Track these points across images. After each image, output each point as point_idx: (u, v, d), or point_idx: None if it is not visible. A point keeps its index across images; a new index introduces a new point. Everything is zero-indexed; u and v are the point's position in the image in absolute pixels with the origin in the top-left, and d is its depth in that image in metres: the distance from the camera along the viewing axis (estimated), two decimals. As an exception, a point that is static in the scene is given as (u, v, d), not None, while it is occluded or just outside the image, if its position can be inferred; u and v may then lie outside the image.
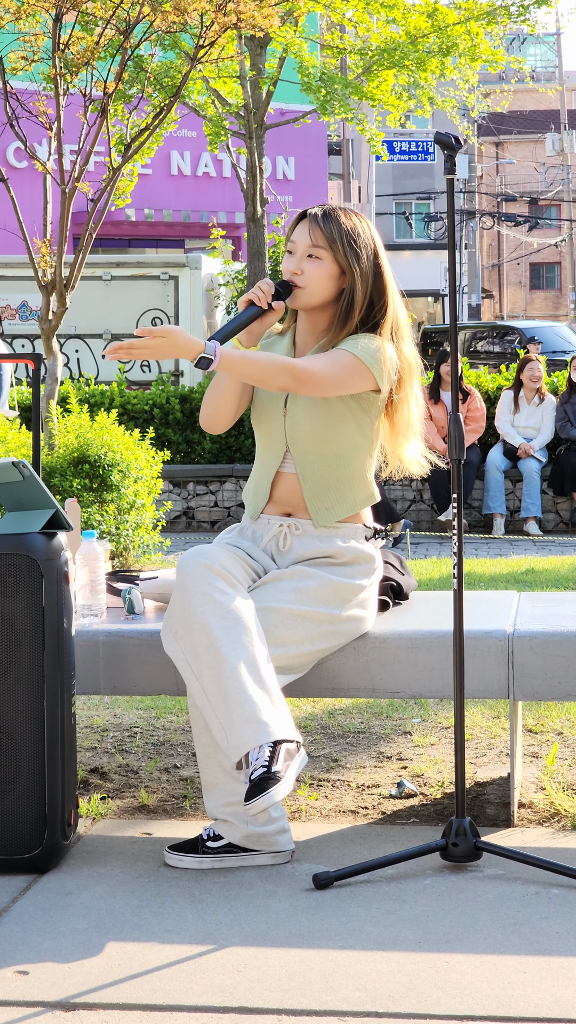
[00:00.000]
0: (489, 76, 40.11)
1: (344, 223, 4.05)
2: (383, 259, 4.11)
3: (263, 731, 3.69)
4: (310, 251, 4.05)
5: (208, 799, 3.91)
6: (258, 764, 3.67)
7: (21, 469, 3.84)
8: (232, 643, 3.77)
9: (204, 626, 3.80)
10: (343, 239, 4.03)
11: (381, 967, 3.25)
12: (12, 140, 22.69)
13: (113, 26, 8.91)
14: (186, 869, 3.84)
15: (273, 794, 3.61)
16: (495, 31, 16.61)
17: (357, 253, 4.05)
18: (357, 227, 4.07)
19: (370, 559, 4.16)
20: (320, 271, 4.05)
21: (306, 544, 4.12)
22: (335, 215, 4.06)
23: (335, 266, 4.05)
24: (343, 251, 4.03)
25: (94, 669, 4.23)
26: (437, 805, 4.41)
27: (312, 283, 4.07)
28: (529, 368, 12.57)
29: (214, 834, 3.88)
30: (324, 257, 4.04)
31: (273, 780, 3.63)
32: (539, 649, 4.10)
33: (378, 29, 16.39)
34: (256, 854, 3.88)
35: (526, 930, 3.43)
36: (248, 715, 3.71)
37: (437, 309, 48.20)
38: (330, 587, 4.03)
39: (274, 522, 4.16)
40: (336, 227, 4.04)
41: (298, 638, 3.97)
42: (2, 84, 8.86)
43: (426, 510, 12.76)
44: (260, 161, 15.46)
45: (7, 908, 3.62)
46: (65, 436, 9.01)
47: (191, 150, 28.37)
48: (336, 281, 4.07)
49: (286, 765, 3.67)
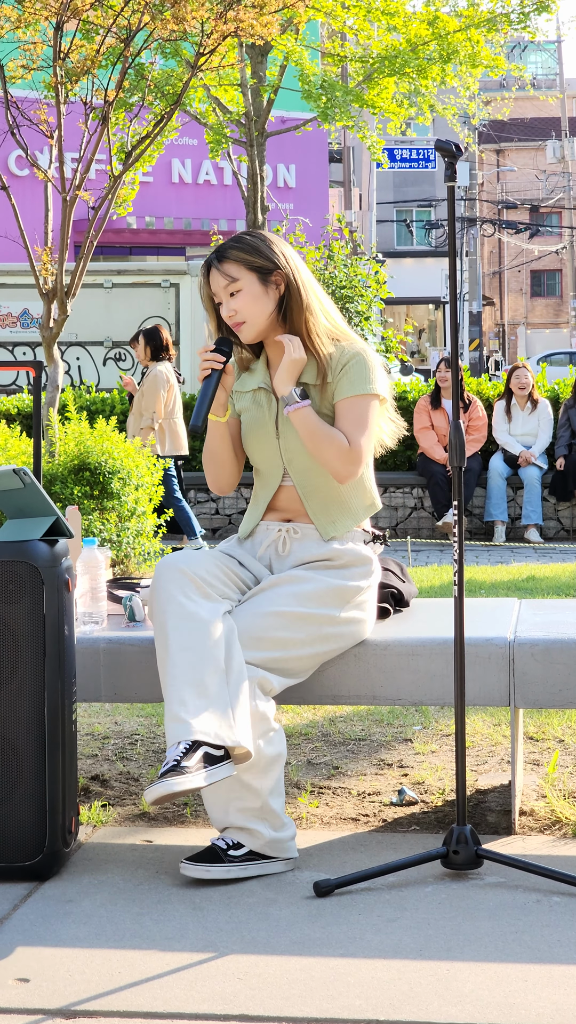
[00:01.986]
0: (490, 83, 40.18)
1: (241, 244, 4.09)
2: (299, 261, 4.16)
3: (183, 729, 3.68)
4: (230, 289, 4.07)
5: (216, 805, 3.86)
6: (170, 758, 3.66)
7: (22, 476, 3.84)
8: (181, 643, 3.78)
9: (162, 626, 3.84)
10: (249, 255, 4.06)
11: (382, 975, 3.25)
12: (13, 148, 22.73)
13: (114, 34, 8.92)
14: (213, 880, 3.80)
15: (171, 784, 3.59)
16: (496, 38, 16.62)
17: (267, 255, 4.08)
18: (254, 241, 4.10)
19: (367, 561, 4.16)
20: (247, 298, 4.07)
21: (306, 548, 4.13)
22: (228, 246, 4.10)
23: (257, 285, 4.07)
24: (257, 263, 4.06)
25: (95, 676, 4.23)
26: (438, 812, 4.40)
27: (249, 313, 4.08)
28: (516, 376, 12.58)
29: (234, 842, 3.86)
30: (243, 285, 4.06)
31: (176, 771, 3.61)
32: (540, 656, 4.10)
33: (379, 37, 16.41)
34: (273, 861, 3.88)
35: (527, 938, 3.43)
36: (173, 713, 3.72)
37: (438, 316, 48.25)
38: (328, 589, 4.04)
39: (273, 527, 4.18)
40: (235, 252, 4.07)
41: (299, 640, 3.97)
42: (3, 92, 8.87)
43: (426, 518, 12.76)
44: (261, 169, 15.47)
45: (8, 915, 3.62)
46: (66, 444, 9.00)
47: (192, 158, 28.42)
48: (267, 297, 4.08)
49: (200, 765, 3.64)
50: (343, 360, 4.09)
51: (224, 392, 4.13)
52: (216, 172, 28.87)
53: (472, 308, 44.46)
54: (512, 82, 33.28)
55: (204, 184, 28.99)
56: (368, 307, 16.50)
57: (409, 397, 13.12)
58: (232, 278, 4.07)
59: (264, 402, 4.18)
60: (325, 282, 16.33)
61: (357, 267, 16.85)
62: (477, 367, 40.83)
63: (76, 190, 8.91)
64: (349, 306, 16.22)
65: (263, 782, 3.83)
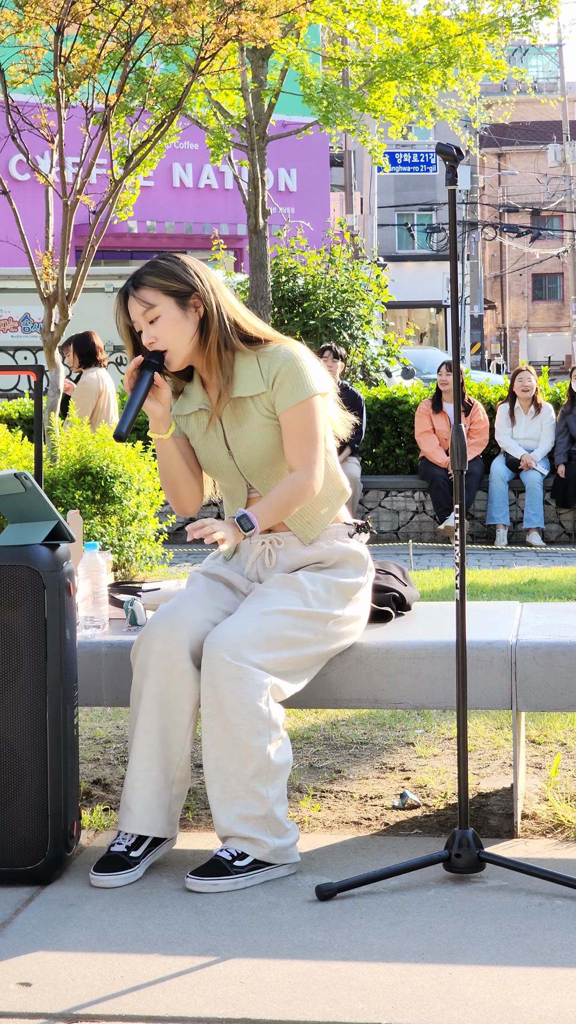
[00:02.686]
0: (491, 87, 40.17)
1: (156, 270, 4.06)
2: (212, 276, 4.15)
3: (132, 822, 3.93)
4: (149, 316, 4.04)
5: (222, 812, 3.86)
6: (122, 843, 3.93)
7: (23, 481, 3.84)
8: (146, 724, 3.94)
9: (139, 688, 3.97)
10: (165, 280, 4.04)
11: (384, 978, 3.25)
12: (14, 153, 22.72)
13: (114, 39, 8.93)
14: (220, 892, 3.79)
15: (117, 878, 3.85)
16: (497, 42, 16.62)
17: (183, 279, 4.06)
18: (169, 265, 4.08)
19: (359, 556, 4.17)
20: (166, 323, 4.04)
21: (292, 555, 4.14)
22: (144, 272, 4.08)
23: (176, 310, 4.04)
24: (173, 287, 4.04)
25: (96, 680, 4.23)
26: (440, 816, 4.40)
27: (170, 339, 4.05)
28: (520, 379, 12.57)
29: (239, 853, 3.84)
30: (161, 311, 4.03)
31: (125, 864, 3.89)
32: (542, 660, 4.10)
33: (380, 41, 16.40)
34: (275, 867, 3.88)
35: (529, 941, 3.43)
36: (125, 799, 3.95)
37: (440, 320, 48.26)
38: (330, 587, 4.05)
39: (256, 542, 4.18)
40: (150, 278, 4.05)
41: (307, 640, 3.98)
42: (3, 97, 8.87)
43: (428, 521, 12.76)
44: (262, 173, 15.47)
45: (10, 920, 3.62)
46: (67, 448, 9.01)
47: (193, 162, 28.44)
48: (186, 321, 4.06)
49: (147, 852, 3.95)
50: (274, 367, 4.07)
51: (161, 407, 4.08)
52: (217, 176, 28.89)
53: (473, 312, 44.52)
54: (513, 86, 33.31)
55: (205, 188, 29.01)
56: (369, 311, 16.51)
57: (410, 401, 13.12)
58: (150, 304, 4.03)
59: (207, 423, 4.17)
60: (327, 286, 16.35)
61: (358, 271, 16.85)
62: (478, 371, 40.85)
63: (77, 194, 8.91)
64: (351, 310, 16.22)
65: (270, 790, 3.83)
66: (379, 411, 13.12)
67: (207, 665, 3.86)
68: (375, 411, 13.09)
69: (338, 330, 15.94)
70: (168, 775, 3.93)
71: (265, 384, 4.07)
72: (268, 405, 4.08)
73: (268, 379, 4.07)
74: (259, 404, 4.08)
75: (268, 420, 4.09)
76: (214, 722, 3.86)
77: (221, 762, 3.85)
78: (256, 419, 4.08)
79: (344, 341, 15.76)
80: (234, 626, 3.90)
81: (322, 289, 16.31)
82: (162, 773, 3.92)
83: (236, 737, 3.82)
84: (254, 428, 4.09)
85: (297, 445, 4.07)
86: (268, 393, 4.07)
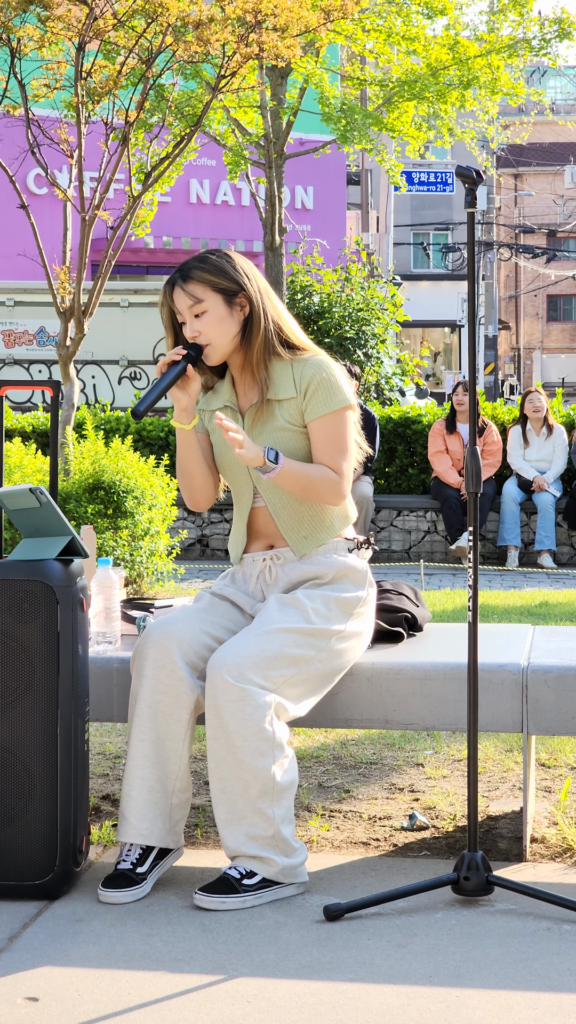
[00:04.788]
0: (508, 108, 40.21)
1: (206, 265, 4.08)
2: (260, 277, 4.16)
3: (128, 830, 3.94)
4: (195, 311, 4.06)
5: (229, 833, 3.86)
6: (127, 859, 3.93)
7: (38, 495, 3.84)
8: (140, 731, 3.94)
9: (135, 696, 3.98)
10: (214, 276, 4.06)
11: (391, 1000, 3.24)
12: (33, 167, 22.76)
13: (136, 55, 8.96)
14: (228, 910, 3.79)
15: (124, 895, 3.85)
16: (516, 63, 16.65)
17: (233, 277, 4.07)
18: (219, 261, 4.09)
19: (357, 571, 4.17)
20: (212, 319, 4.06)
21: (290, 571, 4.14)
22: (193, 265, 4.08)
23: (222, 307, 4.06)
24: (222, 285, 4.06)
25: (107, 696, 4.23)
26: (449, 838, 4.40)
27: (213, 335, 4.07)
28: (530, 400, 12.56)
29: (247, 871, 3.84)
30: (208, 306, 4.05)
31: (132, 881, 3.89)
32: (553, 683, 4.10)
33: (399, 61, 16.44)
34: (284, 887, 3.87)
35: (537, 966, 3.42)
36: (122, 809, 3.96)
37: (454, 340, 48.26)
38: (329, 603, 4.05)
39: (258, 559, 4.19)
40: (200, 272, 4.06)
41: (309, 657, 3.97)
42: (24, 111, 8.91)
43: (440, 541, 12.75)
44: (279, 190, 15.50)
45: (18, 934, 3.62)
46: (80, 462, 9.02)
47: (210, 178, 28.49)
48: (231, 319, 4.08)
49: (153, 866, 3.95)
50: (307, 374, 4.09)
51: (188, 397, 4.09)
52: (234, 193, 28.94)
53: (488, 332, 44.48)
54: (531, 107, 33.36)
55: (222, 205, 29.06)
56: (384, 330, 16.53)
57: (424, 421, 13.12)
58: (197, 299, 4.05)
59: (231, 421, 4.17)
60: (342, 304, 16.37)
61: (374, 289, 16.88)
62: (492, 391, 40.83)
63: (95, 209, 8.94)
64: (366, 328, 16.23)
65: (276, 810, 3.82)
66: (392, 430, 13.12)
67: (210, 687, 3.86)
68: (388, 430, 13.10)
69: (353, 348, 15.96)
70: (165, 784, 3.93)
71: (296, 391, 4.09)
72: (295, 412, 4.10)
73: (300, 386, 4.09)
74: (285, 409, 4.10)
75: (289, 426, 4.10)
76: (217, 744, 3.85)
77: (226, 783, 3.85)
78: (278, 422, 4.09)
79: (359, 360, 15.77)
80: (235, 647, 3.89)
81: (337, 307, 16.34)
82: (158, 782, 3.92)
83: (240, 759, 3.82)
84: (274, 431, 4.10)
85: (328, 452, 4.08)
86: (298, 400, 4.09)
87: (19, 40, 8.82)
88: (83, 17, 8.62)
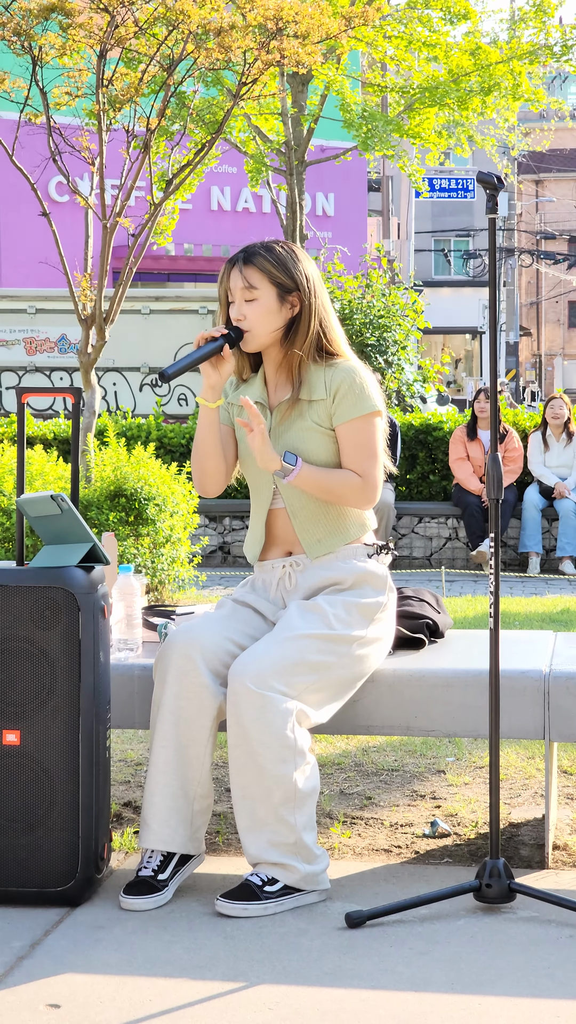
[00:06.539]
0: (529, 114, 40.18)
1: (271, 254, 4.08)
2: (319, 281, 4.17)
3: (150, 836, 3.94)
4: (246, 296, 4.07)
5: (251, 840, 3.86)
6: (148, 866, 3.93)
7: (60, 503, 3.85)
8: (163, 738, 3.95)
9: (157, 702, 3.97)
10: (275, 268, 4.07)
11: (413, 1008, 3.23)
12: (55, 174, 22.85)
13: (157, 63, 8.97)
14: (250, 917, 3.78)
15: (146, 902, 3.85)
16: (536, 70, 16.64)
17: (292, 274, 4.08)
18: (284, 255, 4.10)
19: (377, 576, 4.16)
20: (260, 309, 4.07)
21: (309, 577, 4.14)
22: (257, 251, 4.09)
23: (274, 300, 4.08)
24: (280, 279, 4.07)
25: (129, 703, 4.23)
26: (471, 845, 4.39)
27: (256, 323, 4.08)
28: (551, 407, 12.56)
29: (269, 878, 3.84)
30: (260, 295, 4.07)
31: (154, 888, 3.88)
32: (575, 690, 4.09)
33: (420, 67, 16.44)
34: (305, 894, 3.87)
35: (560, 974, 3.41)
36: (144, 815, 3.96)
37: (475, 346, 48.22)
38: (351, 608, 4.05)
39: (277, 565, 4.18)
40: (259, 261, 4.07)
41: (331, 663, 3.96)
42: (46, 119, 8.92)
43: (461, 548, 12.74)
44: (300, 197, 15.51)
45: (40, 941, 3.62)
46: (102, 469, 9.03)
47: (231, 185, 28.52)
48: (279, 314, 4.09)
49: (174, 872, 3.94)
50: (337, 378, 4.10)
51: (218, 376, 4.08)
52: (255, 200, 28.97)
53: (509, 338, 44.45)
54: (551, 114, 33.32)
55: (243, 212, 29.08)
56: (405, 336, 16.52)
57: (445, 428, 13.11)
58: (252, 286, 4.06)
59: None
60: (363, 311, 16.37)
61: (395, 296, 16.87)
62: (513, 397, 40.80)
63: (116, 217, 8.95)
64: (387, 335, 16.23)
65: (298, 817, 3.82)
66: (414, 437, 13.11)
67: (231, 695, 3.86)
68: (410, 437, 13.08)
69: (374, 355, 15.96)
70: (187, 790, 3.93)
71: (327, 394, 4.09)
72: (323, 414, 4.10)
73: (330, 389, 4.09)
74: (313, 410, 4.10)
75: (316, 426, 4.10)
76: (239, 751, 3.85)
77: (247, 791, 3.85)
78: (305, 422, 4.10)
79: (380, 366, 15.77)
80: (257, 654, 3.89)
81: (359, 314, 16.34)
82: (180, 788, 3.92)
83: (261, 766, 3.82)
84: (300, 430, 4.10)
85: (356, 457, 4.09)
86: (326, 402, 4.09)
87: (41, 48, 8.83)
88: (104, 25, 8.63)
